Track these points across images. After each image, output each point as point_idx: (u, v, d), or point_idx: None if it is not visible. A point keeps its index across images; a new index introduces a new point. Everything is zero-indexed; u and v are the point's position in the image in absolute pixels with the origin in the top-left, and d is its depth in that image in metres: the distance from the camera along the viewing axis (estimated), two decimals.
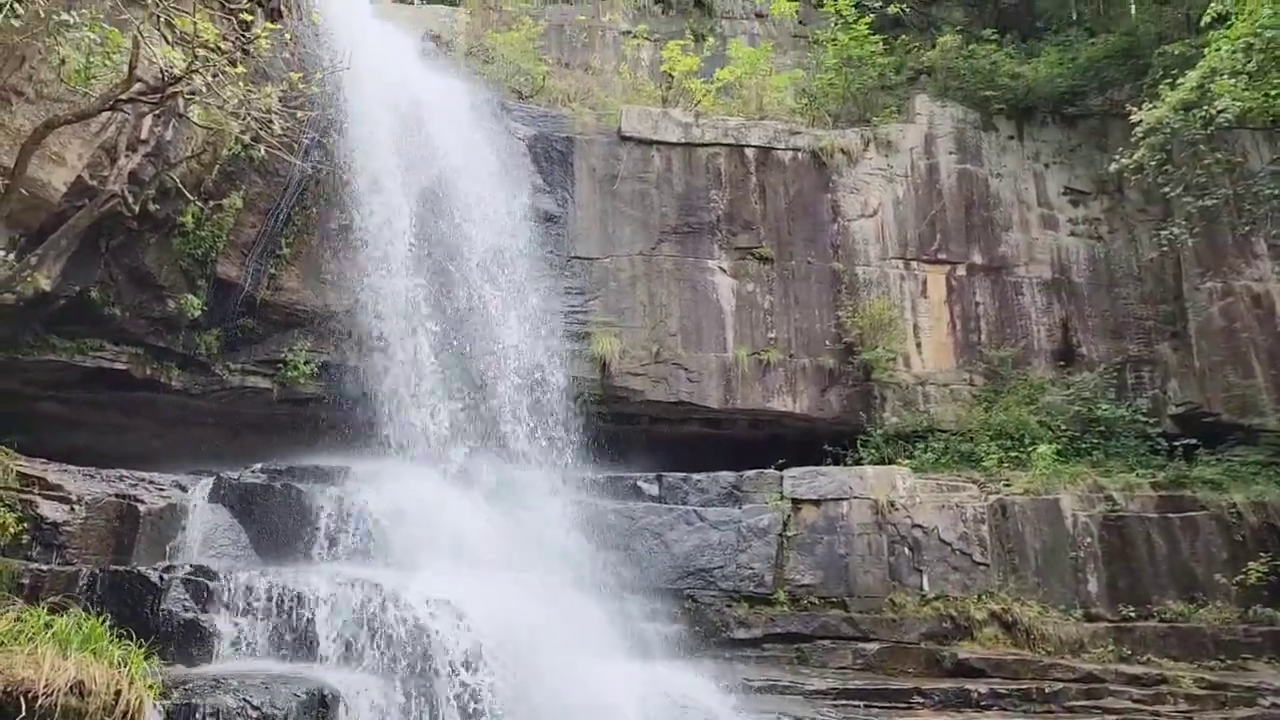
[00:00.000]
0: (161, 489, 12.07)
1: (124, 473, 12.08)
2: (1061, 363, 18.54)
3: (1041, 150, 19.95)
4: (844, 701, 12.00)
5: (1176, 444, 16.75)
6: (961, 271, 18.99)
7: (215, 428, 16.42)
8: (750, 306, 18.08)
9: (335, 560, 11.87)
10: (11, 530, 10.06)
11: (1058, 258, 19.21)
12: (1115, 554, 14.91)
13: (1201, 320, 17.83)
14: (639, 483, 15.24)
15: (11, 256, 10.65)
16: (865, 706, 11.93)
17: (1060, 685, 12.70)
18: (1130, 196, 19.24)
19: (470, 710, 9.52)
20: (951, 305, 18.76)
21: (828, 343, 18.10)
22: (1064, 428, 17.21)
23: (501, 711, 9.57)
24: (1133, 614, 14.49)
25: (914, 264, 18.89)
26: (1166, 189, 17.14)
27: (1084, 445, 17.11)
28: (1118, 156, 16.65)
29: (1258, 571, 14.46)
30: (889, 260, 18.82)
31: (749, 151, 18.82)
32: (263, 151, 13.33)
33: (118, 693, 6.86)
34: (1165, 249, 17.79)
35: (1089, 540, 15.00)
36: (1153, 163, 16.26)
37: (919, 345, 18.40)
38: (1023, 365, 18.28)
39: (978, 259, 19.06)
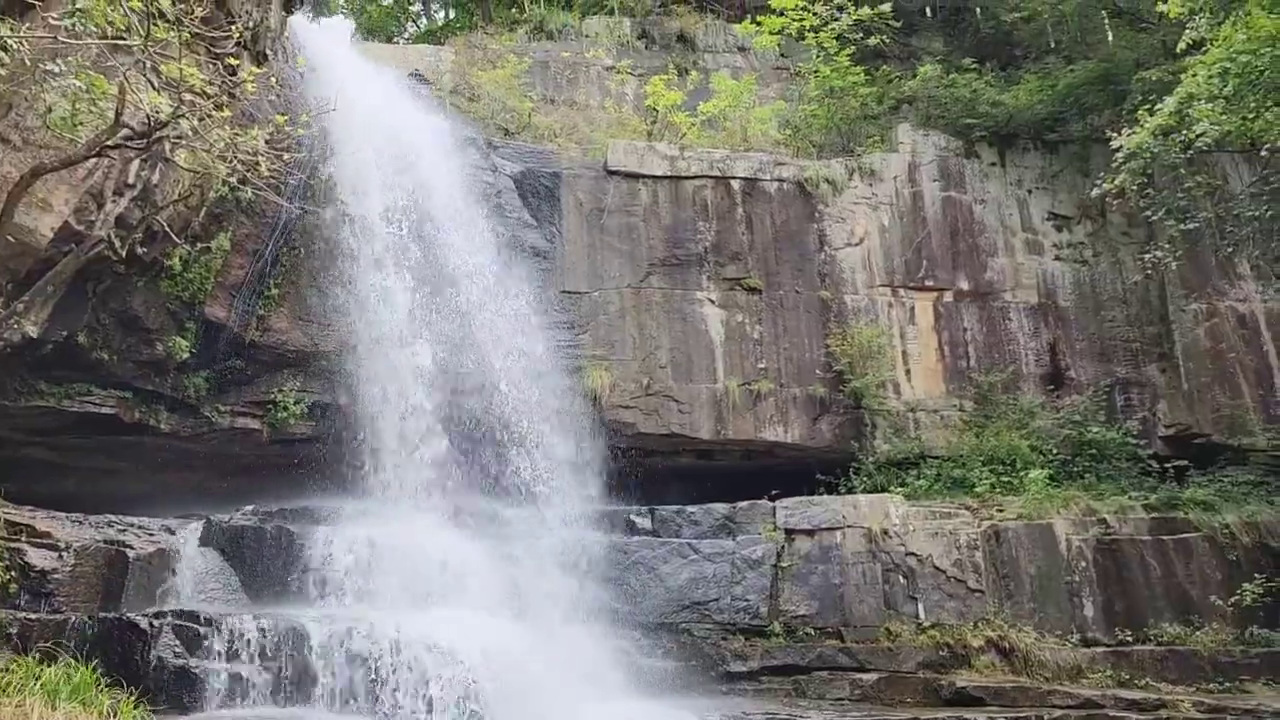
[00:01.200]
0: (150, 534, 11.98)
1: (112, 518, 12.00)
2: (1050, 386, 18.62)
3: (1024, 176, 20.15)
4: None
5: (1168, 465, 16.78)
6: (949, 298, 19.10)
7: (205, 470, 16.33)
8: (740, 337, 18.12)
9: (328, 602, 11.79)
10: None
11: (1043, 282, 19.34)
12: (1110, 578, 14.89)
13: (1188, 341, 17.95)
14: (631, 516, 15.20)
15: None
16: None
17: (1059, 712, 12.60)
18: (1113, 220, 19.43)
19: None
20: (940, 332, 18.85)
21: (818, 371, 18.13)
22: (1055, 451, 17.26)
23: None
24: (1129, 638, 14.44)
25: (901, 291, 18.99)
26: (1149, 213, 17.30)
27: (1075, 469, 17.13)
28: (1099, 181, 16.79)
29: (1253, 592, 14.44)
30: (876, 288, 18.92)
31: (735, 183, 18.94)
32: (250, 193, 13.30)
33: None
34: (1150, 272, 17.94)
35: (1083, 564, 14.97)
36: (1134, 187, 16.39)
37: (908, 372, 18.46)
38: (1012, 390, 18.34)
39: (964, 285, 19.17)
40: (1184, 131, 15.02)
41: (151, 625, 9.67)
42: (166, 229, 12.37)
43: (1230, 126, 14.77)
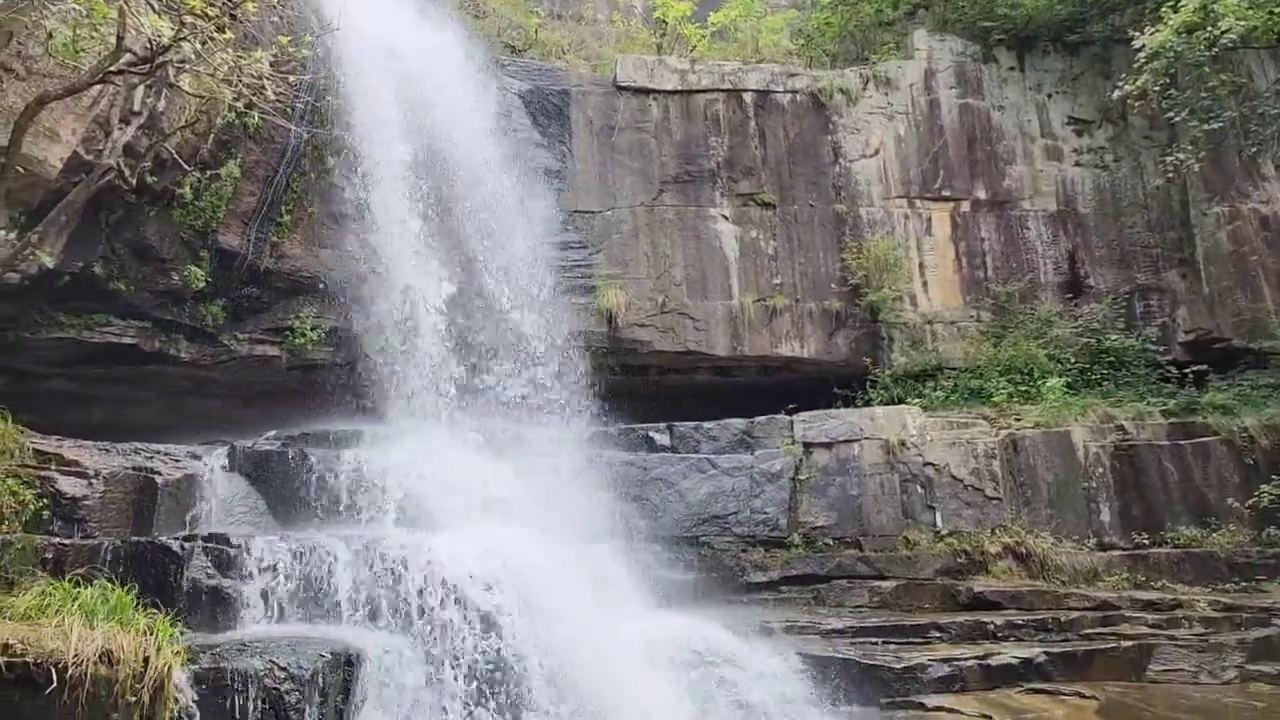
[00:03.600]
0: (177, 460, 12.14)
1: (139, 446, 12.14)
2: (1069, 295, 18.49)
3: (1044, 80, 19.69)
4: (862, 639, 12.10)
5: (1187, 371, 16.68)
6: (966, 208, 18.87)
7: (227, 398, 16.51)
8: (754, 253, 18.02)
9: (352, 523, 11.97)
10: (32, 506, 10.16)
11: (1063, 189, 19.05)
12: (1127, 483, 14.96)
13: (1209, 245, 17.70)
14: (650, 433, 15.31)
15: (12, 235, 10.65)
16: (883, 643, 12.02)
17: (1076, 614, 12.78)
18: (1135, 124, 19.02)
19: (490, 663, 9.66)
20: (956, 242, 18.67)
21: (833, 286, 18.06)
22: (1073, 360, 17.22)
23: (521, 664, 9.70)
24: (1146, 541, 14.55)
25: (918, 202, 18.77)
26: (1171, 114, 16.92)
27: (1094, 377, 17.11)
28: (1121, 83, 16.42)
29: (1270, 494, 14.46)
30: (892, 200, 18.70)
31: (747, 96, 18.61)
32: (257, 118, 13.27)
33: (146, 660, 6.92)
34: (1171, 175, 17.59)
35: (1101, 470, 15.03)
36: (1157, 88, 16.02)
37: (925, 284, 18.35)
38: (1030, 299, 18.25)
39: (982, 194, 18.91)
40: (1208, 28, 14.63)
41: (183, 548, 9.84)
42: (175, 156, 12.32)
43: (1256, 21, 14.39)
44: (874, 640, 12.11)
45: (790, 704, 10.46)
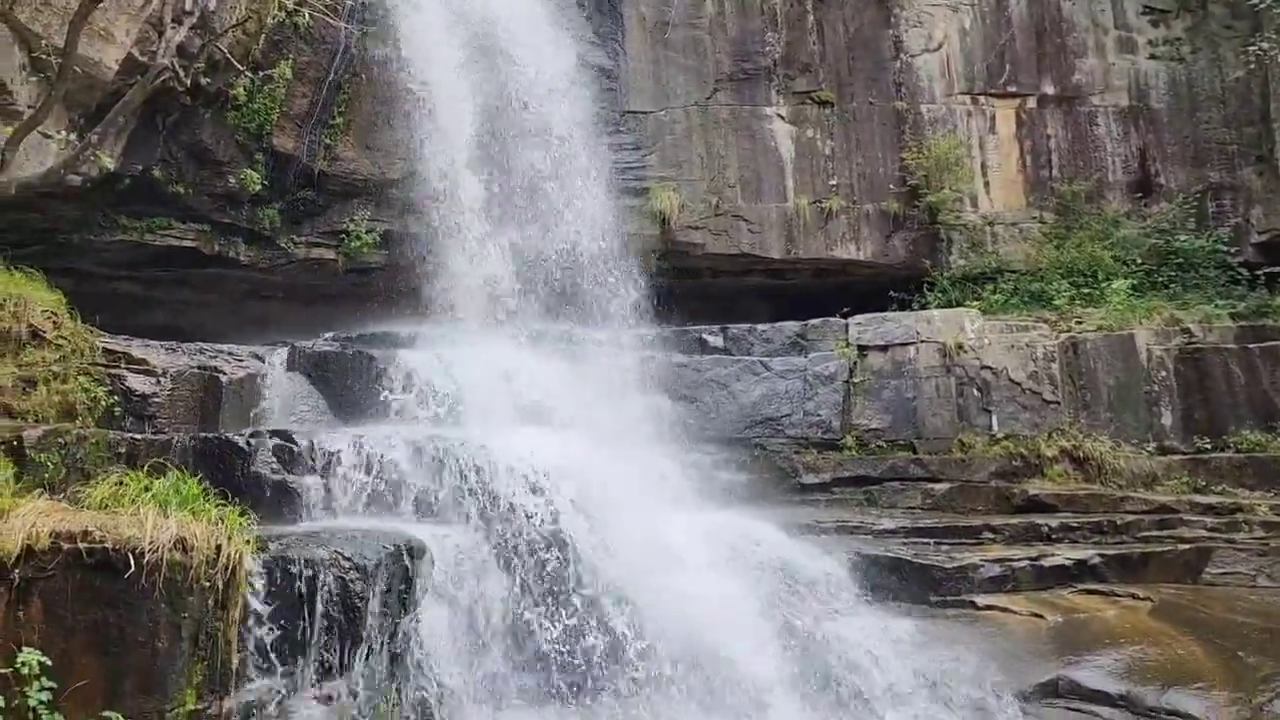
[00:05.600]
0: (240, 360, 12.39)
1: (203, 346, 12.41)
2: (1138, 194, 17.87)
3: None
4: (914, 539, 12.14)
5: (1259, 273, 16.15)
6: (1032, 104, 18.20)
7: (286, 301, 16.79)
8: (810, 153, 17.64)
9: (409, 421, 12.16)
10: (104, 403, 10.48)
11: (1135, 83, 18.25)
12: (1191, 386, 14.62)
13: None
14: (704, 335, 15.29)
15: (73, 137, 10.77)
16: (935, 543, 12.05)
17: (1132, 517, 12.68)
18: (1215, 12, 18.03)
19: (549, 555, 9.88)
20: (1021, 140, 18.08)
21: (891, 186, 17.67)
22: (1140, 262, 16.73)
23: (578, 556, 9.91)
24: (1208, 446, 14.26)
25: (981, 99, 18.15)
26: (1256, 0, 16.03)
27: (1160, 279, 16.61)
28: None
29: None
30: (955, 96, 18.11)
31: None
32: (307, 17, 13.18)
33: (218, 547, 7.17)
34: (1252, 66, 16.73)
35: (1164, 374, 14.71)
36: None
37: (987, 184, 17.87)
38: (1096, 199, 17.68)
39: (1049, 90, 18.20)
40: None
41: (249, 443, 10.10)
42: (228, 57, 12.34)
43: None
44: (926, 540, 12.13)
45: (841, 600, 10.59)
